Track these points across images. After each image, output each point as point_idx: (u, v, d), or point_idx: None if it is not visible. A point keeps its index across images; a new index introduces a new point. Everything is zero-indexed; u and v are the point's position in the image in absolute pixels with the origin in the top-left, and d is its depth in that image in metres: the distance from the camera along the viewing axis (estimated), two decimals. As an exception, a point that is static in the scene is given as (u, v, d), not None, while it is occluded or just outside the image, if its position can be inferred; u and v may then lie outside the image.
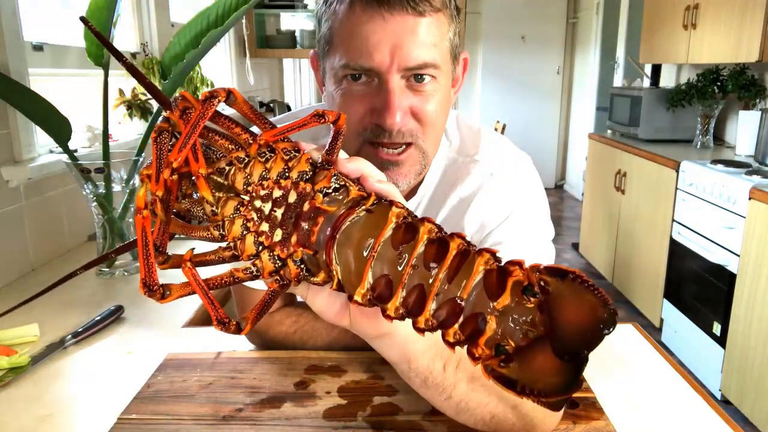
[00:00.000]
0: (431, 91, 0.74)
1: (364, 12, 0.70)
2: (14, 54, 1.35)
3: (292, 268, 0.47)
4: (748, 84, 2.94)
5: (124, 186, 1.30)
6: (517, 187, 0.86)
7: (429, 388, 0.67)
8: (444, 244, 0.44)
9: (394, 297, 0.44)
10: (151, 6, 2.19)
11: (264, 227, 0.47)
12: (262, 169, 0.47)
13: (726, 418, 0.78)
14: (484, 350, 0.42)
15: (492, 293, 0.42)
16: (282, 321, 0.90)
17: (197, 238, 0.48)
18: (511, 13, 6.12)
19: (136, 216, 0.44)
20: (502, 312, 0.42)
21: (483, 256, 0.43)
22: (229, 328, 0.47)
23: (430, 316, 0.43)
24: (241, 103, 0.47)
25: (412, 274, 0.44)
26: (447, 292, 0.43)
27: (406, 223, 0.46)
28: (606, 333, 0.39)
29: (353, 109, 0.74)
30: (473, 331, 0.42)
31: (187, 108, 0.45)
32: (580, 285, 0.39)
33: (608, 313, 0.38)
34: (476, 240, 0.85)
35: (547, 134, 6.47)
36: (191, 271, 0.46)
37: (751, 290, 2.21)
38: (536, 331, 0.41)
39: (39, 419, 0.77)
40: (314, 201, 0.47)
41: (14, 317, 1.06)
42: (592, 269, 3.97)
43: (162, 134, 0.45)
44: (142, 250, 0.44)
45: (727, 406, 2.32)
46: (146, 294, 0.45)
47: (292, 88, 4.67)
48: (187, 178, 0.48)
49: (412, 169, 0.78)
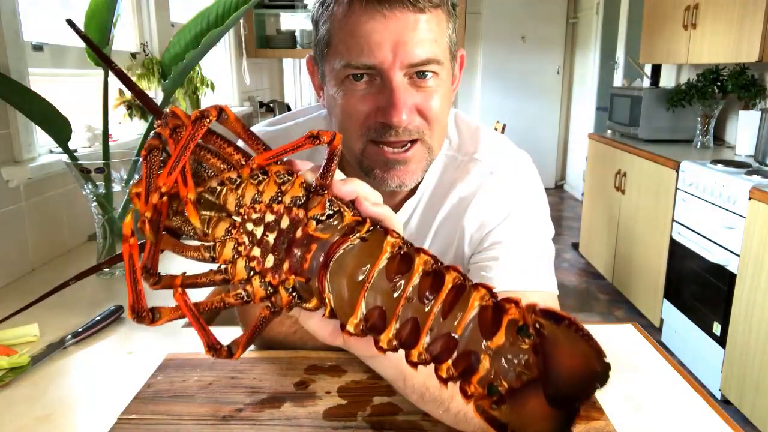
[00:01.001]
0: (434, 87, 0.74)
1: (363, 11, 0.69)
2: (14, 54, 1.35)
3: (284, 295, 0.46)
4: (748, 84, 2.94)
5: (124, 186, 1.29)
6: (517, 186, 0.86)
7: (427, 403, 0.67)
8: (439, 276, 0.43)
9: (387, 329, 0.43)
10: (151, 6, 2.19)
11: (255, 252, 0.46)
12: (254, 192, 0.46)
13: (726, 418, 0.78)
14: (477, 389, 0.41)
15: (486, 331, 0.41)
16: (282, 321, 0.90)
17: (188, 258, 0.47)
18: (511, 13, 6.12)
19: (123, 244, 0.44)
20: (496, 352, 0.41)
21: (479, 291, 0.42)
22: (220, 354, 0.47)
23: (424, 350, 0.42)
24: (233, 121, 0.45)
25: (406, 306, 0.43)
26: (441, 326, 0.42)
27: (402, 254, 0.44)
28: (598, 387, 0.38)
29: (356, 109, 0.74)
30: (466, 369, 0.41)
31: (177, 126, 0.44)
32: (575, 333, 0.38)
33: (602, 366, 0.37)
34: (476, 239, 0.85)
35: (547, 134, 6.47)
36: (182, 297, 0.45)
37: (751, 290, 2.21)
38: (530, 373, 0.40)
39: (39, 419, 0.77)
40: (307, 228, 0.45)
41: (14, 317, 1.06)
42: (592, 269, 3.98)
43: (152, 152, 0.44)
44: (129, 277, 0.44)
45: (727, 406, 2.32)
46: (135, 320, 0.45)
47: (292, 88, 4.67)
48: (178, 197, 0.46)
49: (419, 166, 0.77)
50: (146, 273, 0.45)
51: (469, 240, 0.85)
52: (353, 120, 0.74)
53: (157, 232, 0.45)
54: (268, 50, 3.76)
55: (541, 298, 0.80)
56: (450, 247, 0.87)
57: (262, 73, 3.79)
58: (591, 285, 3.77)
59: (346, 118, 0.75)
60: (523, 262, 0.81)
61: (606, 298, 3.56)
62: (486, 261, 0.82)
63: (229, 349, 0.47)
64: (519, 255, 0.82)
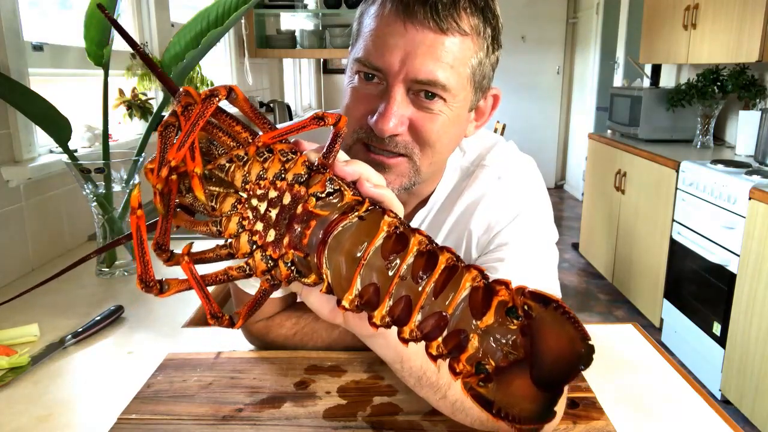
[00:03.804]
0: (437, 111, 0.72)
1: (390, 16, 0.70)
2: (14, 54, 1.35)
3: (283, 269, 0.47)
4: (748, 84, 2.95)
5: (124, 186, 1.30)
6: (524, 189, 0.86)
7: (423, 387, 0.67)
8: (433, 256, 0.44)
9: (380, 305, 0.44)
10: (151, 6, 2.19)
11: (258, 226, 0.48)
12: (259, 169, 0.48)
13: (726, 418, 0.78)
14: (465, 366, 0.42)
15: (476, 311, 0.42)
16: (282, 323, 0.90)
17: (199, 233, 0.49)
18: (511, 13, 6.11)
19: (131, 215, 0.45)
20: (484, 331, 0.42)
21: (471, 273, 0.43)
22: (222, 322, 0.48)
23: (415, 327, 0.44)
24: (241, 101, 0.47)
25: (400, 284, 0.44)
26: (433, 305, 0.44)
27: (398, 233, 0.46)
28: (582, 368, 0.39)
29: (356, 106, 0.74)
30: (456, 346, 0.43)
31: (189, 104, 0.45)
32: (562, 315, 0.39)
33: (586, 348, 0.38)
34: (483, 241, 0.85)
35: (547, 134, 6.47)
36: (189, 265, 0.47)
37: (751, 290, 2.21)
38: (517, 353, 0.41)
39: (39, 419, 0.77)
40: (307, 204, 0.47)
41: (14, 317, 1.06)
42: (592, 269, 3.98)
43: (168, 128, 0.45)
44: (137, 247, 0.45)
45: (727, 406, 2.32)
46: (143, 289, 0.46)
47: (292, 88, 4.67)
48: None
49: (398, 179, 0.75)
50: (158, 249, 0.47)
51: (477, 243, 0.85)
52: (350, 116, 0.75)
53: (168, 206, 0.46)
54: (268, 50, 3.77)
55: None
56: (458, 251, 0.87)
57: (262, 73, 3.79)
58: (591, 285, 3.77)
59: (346, 111, 0.76)
60: (528, 264, 0.81)
61: (606, 298, 3.56)
62: (491, 262, 0.82)
63: (231, 319, 0.49)
64: (524, 257, 0.82)
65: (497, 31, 0.76)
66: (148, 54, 0.49)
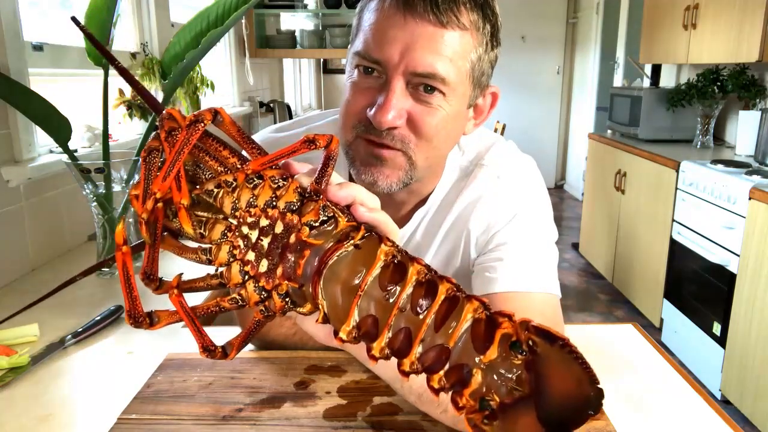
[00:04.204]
0: (436, 105, 0.72)
1: (390, 9, 0.70)
2: (14, 54, 1.35)
3: (277, 301, 0.46)
4: (748, 84, 2.94)
5: (124, 186, 1.30)
6: (523, 189, 0.86)
7: (425, 404, 0.68)
8: (433, 286, 0.43)
9: (379, 337, 0.43)
10: (151, 6, 2.19)
11: (250, 256, 0.46)
12: (249, 196, 0.46)
13: (726, 418, 0.78)
14: (469, 401, 0.41)
15: (479, 345, 0.41)
16: (281, 323, 0.90)
17: (188, 259, 0.48)
18: (511, 13, 6.10)
19: (117, 252, 0.44)
20: (488, 366, 0.41)
21: (472, 303, 0.42)
22: (215, 355, 0.47)
23: (416, 359, 0.42)
24: (228, 124, 0.45)
25: (399, 315, 0.43)
26: (434, 337, 0.42)
27: (395, 263, 0.44)
28: (590, 414, 0.37)
29: (355, 99, 0.74)
30: (458, 381, 0.41)
31: (173, 129, 0.44)
32: (568, 354, 0.38)
33: (595, 392, 0.37)
34: (482, 241, 0.85)
35: (547, 134, 6.47)
36: (178, 298, 0.46)
37: (751, 290, 2.21)
38: (522, 390, 0.40)
39: (39, 419, 0.77)
40: (300, 234, 0.45)
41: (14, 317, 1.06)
42: (592, 269, 3.98)
43: (151, 153, 0.44)
44: (124, 283, 0.44)
45: (727, 406, 2.32)
46: (133, 325, 0.45)
47: (292, 88, 4.67)
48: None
49: (395, 173, 0.75)
50: (147, 279, 0.45)
51: (476, 243, 0.85)
52: (350, 109, 0.75)
53: (154, 235, 0.45)
54: (268, 50, 3.76)
55: (543, 300, 0.80)
56: (457, 251, 0.87)
57: (262, 73, 3.79)
58: (591, 285, 3.77)
59: (345, 106, 0.76)
60: (527, 264, 0.81)
61: (606, 298, 3.56)
62: (490, 262, 0.82)
63: (224, 350, 0.47)
64: (523, 257, 0.82)
65: (496, 28, 0.76)
66: (126, 69, 0.48)
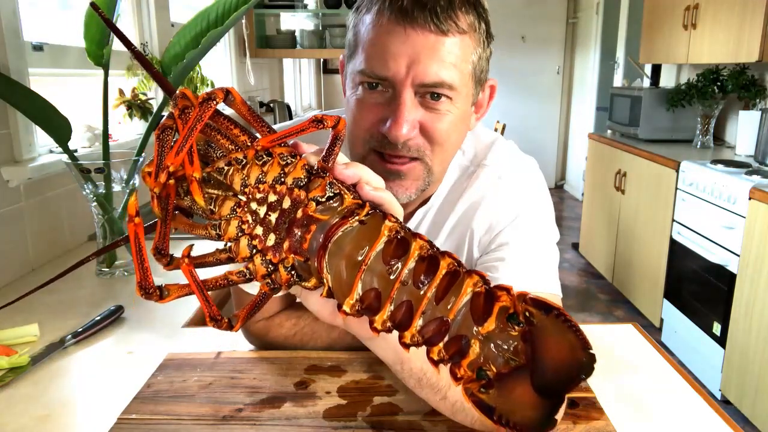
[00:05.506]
0: (445, 111, 0.73)
1: (388, 23, 0.70)
2: (14, 54, 1.35)
3: (283, 273, 0.47)
4: (748, 84, 2.94)
5: (124, 186, 1.30)
6: (526, 189, 0.86)
7: (424, 388, 0.68)
8: (434, 261, 0.44)
9: (381, 310, 0.44)
10: (151, 6, 2.19)
11: (258, 231, 0.47)
12: (258, 172, 0.48)
13: (726, 418, 0.78)
14: (467, 372, 0.42)
15: (478, 317, 0.42)
16: (282, 324, 0.90)
17: (198, 236, 0.49)
18: (511, 13, 6.11)
19: (129, 223, 0.45)
20: (486, 337, 0.42)
21: (472, 278, 0.43)
22: (221, 325, 0.48)
23: (416, 332, 0.44)
24: (239, 103, 0.47)
25: (401, 289, 0.44)
26: (434, 310, 0.43)
27: (398, 238, 0.45)
28: (582, 378, 0.39)
29: (364, 116, 0.74)
30: (457, 352, 0.43)
31: (186, 107, 0.45)
32: (563, 323, 0.39)
33: (587, 357, 0.38)
34: (485, 241, 0.85)
35: (547, 134, 6.47)
36: (189, 267, 0.47)
37: (751, 290, 2.21)
38: (518, 360, 0.41)
39: (39, 419, 0.77)
40: (307, 209, 0.47)
41: (14, 317, 1.06)
42: (592, 269, 3.98)
43: (165, 131, 0.45)
44: (135, 254, 0.45)
45: (727, 406, 2.32)
46: (143, 296, 0.46)
47: (292, 88, 4.67)
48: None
49: (414, 183, 0.76)
50: (158, 254, 0.46)
51: (478, 243, 0.85)
52: (360, 126, 0.75)
53: (166, 210, 0.46)
54: (268, 50, 3.77)
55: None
56: (460, 250, 0.87)
57: (262, 73, 3.79)
58: (591, 285, 3.77)
59: (354, 122, 0.76)
60: (529, 264, 0.82)
61: (606, 298, 3.56)
62: (492, 262, 0.82)
63: (229, 322, 0.49)
64: (525, 256, 0.82)
65: (488, 24, 0.77)
66: (143, 53, 0.49)
